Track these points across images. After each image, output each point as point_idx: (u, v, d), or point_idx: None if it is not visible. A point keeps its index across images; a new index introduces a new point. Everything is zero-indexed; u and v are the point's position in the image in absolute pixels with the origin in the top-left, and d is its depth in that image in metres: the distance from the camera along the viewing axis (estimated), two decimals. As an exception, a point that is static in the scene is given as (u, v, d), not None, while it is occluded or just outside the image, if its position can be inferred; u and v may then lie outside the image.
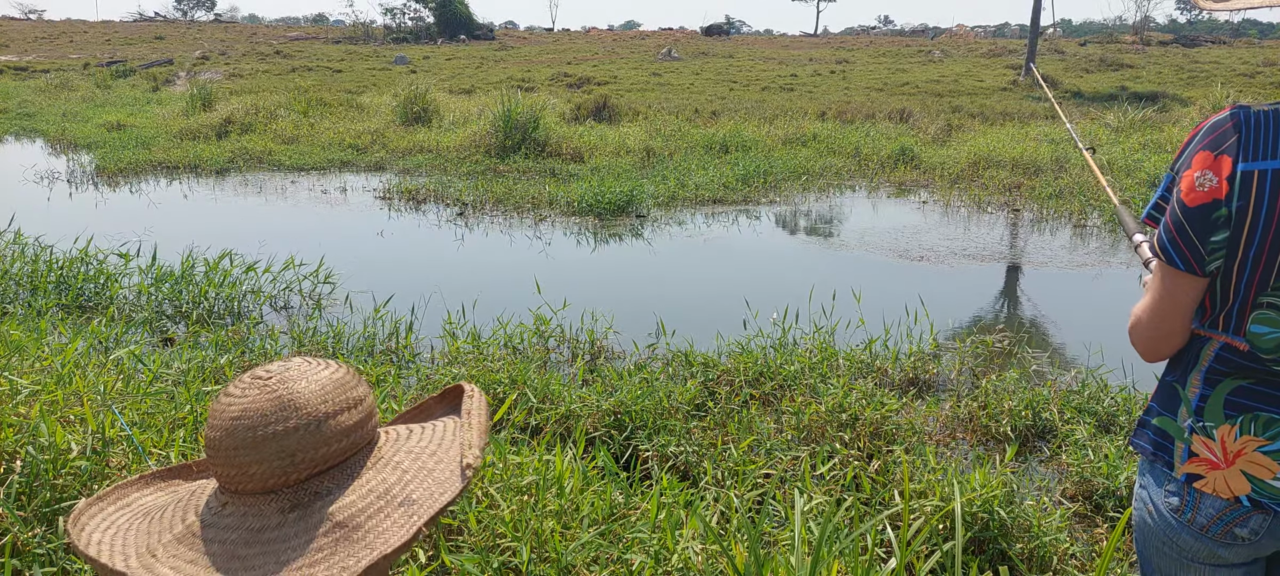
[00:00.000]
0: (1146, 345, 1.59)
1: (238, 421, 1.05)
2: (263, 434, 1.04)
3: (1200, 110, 16.02)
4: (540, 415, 3.88)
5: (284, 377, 1.08)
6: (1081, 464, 3.61)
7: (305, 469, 1.06)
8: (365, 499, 1.08)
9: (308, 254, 6.80)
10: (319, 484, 1.08)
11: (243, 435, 1.04)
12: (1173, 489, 1.58)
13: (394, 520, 1.06)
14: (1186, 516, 1.56)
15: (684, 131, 14.51)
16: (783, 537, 2.81)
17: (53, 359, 3.53)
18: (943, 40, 50.29)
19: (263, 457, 1.04)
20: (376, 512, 1.06)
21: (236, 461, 1.05)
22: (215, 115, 15.54)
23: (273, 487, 1.06)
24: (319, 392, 1.09)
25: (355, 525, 1.04)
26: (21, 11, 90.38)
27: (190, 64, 30.51)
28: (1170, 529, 1.59)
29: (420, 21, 48.88)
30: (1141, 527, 1.68)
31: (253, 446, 1.04)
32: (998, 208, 9.91)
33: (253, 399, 1.06)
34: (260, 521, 1.05)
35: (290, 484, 1.06)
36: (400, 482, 1.10)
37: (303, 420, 1.06)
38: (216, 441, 1.06)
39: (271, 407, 1.05)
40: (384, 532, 1.04)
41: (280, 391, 1.07)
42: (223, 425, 1.06)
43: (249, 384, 1.09)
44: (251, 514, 1.06)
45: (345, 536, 1.03)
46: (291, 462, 1.05)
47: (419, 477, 1.12)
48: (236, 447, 1.05)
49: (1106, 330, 5.70)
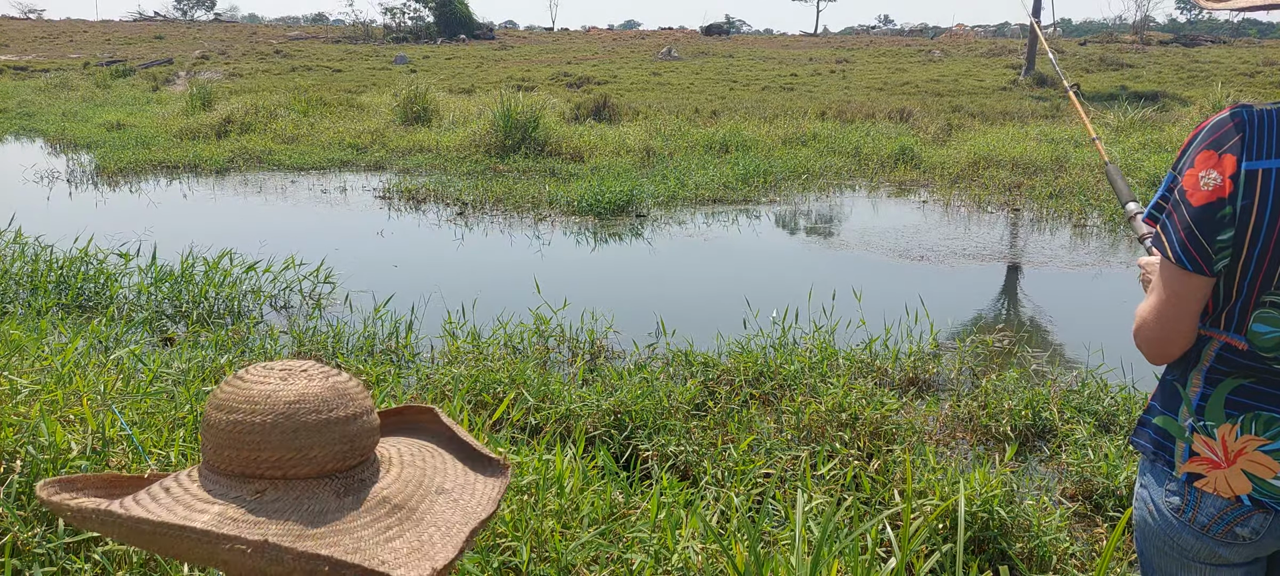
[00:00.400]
0: (1153, 347, 1.56)
1: (297, 405, 1.06)
2: (326, 418, 1.07)
3: (1200, 110, 16.02)
4: (540, 415, 3.88)
5: (322, 371, 1.11)
6: (1081, 463, 3.61)
7: (357, 455, 1.10)
8: (405, 487, 1.11)
9: (307, 254, 6.80)
10: (362, 472, 1.11)
11: (306, 418, 1.06)
12: (1173, 488, 1.58)
13: (441, 505, 1.10)
14: (1187, 515, 1.56)
15: (684, 131, 14.51)
16: (783, 537, 2.81)
17: (53, 359, 3.54)
18: (943, 40, 50.29)
19: (326, 441, 1.07)
20: (422, 498, 1.10)
21: (295, 444, 1.06)
22: (215, 115, 15.54)
23: (330, 471, 1.08)
24: (359, 387, 1.13)
25: (410, 507, 1.08)
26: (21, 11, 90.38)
27: (190, 63, 30.51)
28: (1171, 528, 1.59)
29: (420, 21, 48.88)
30: (1142, 527, 1.67)
31: (316, 430, 1.06)
32: (998, 207, 9.91)
33: (304, 386, 1.08)
34: (318, 504, 1.06)
35: (344, 469, 1.09)
36: (418, 477, 1.14)
37: (358, 408, 1.10)
38: (270, 426, 1.05)
39: (331, 394, 1.08)
40: (442, 513, 1.08)
41: (333, 380, 1.10)
42: (277, 409, 1.06)
43: (284, 373, 1.09)
44: (306, 496, 1.06)
45: (406, 515, 1.07)
46: (351, 447, 1.08)
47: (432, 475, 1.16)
48: (297, 430, 1.05)
49: (1106, 330, 5.70)
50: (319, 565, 0.95)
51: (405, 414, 1.33)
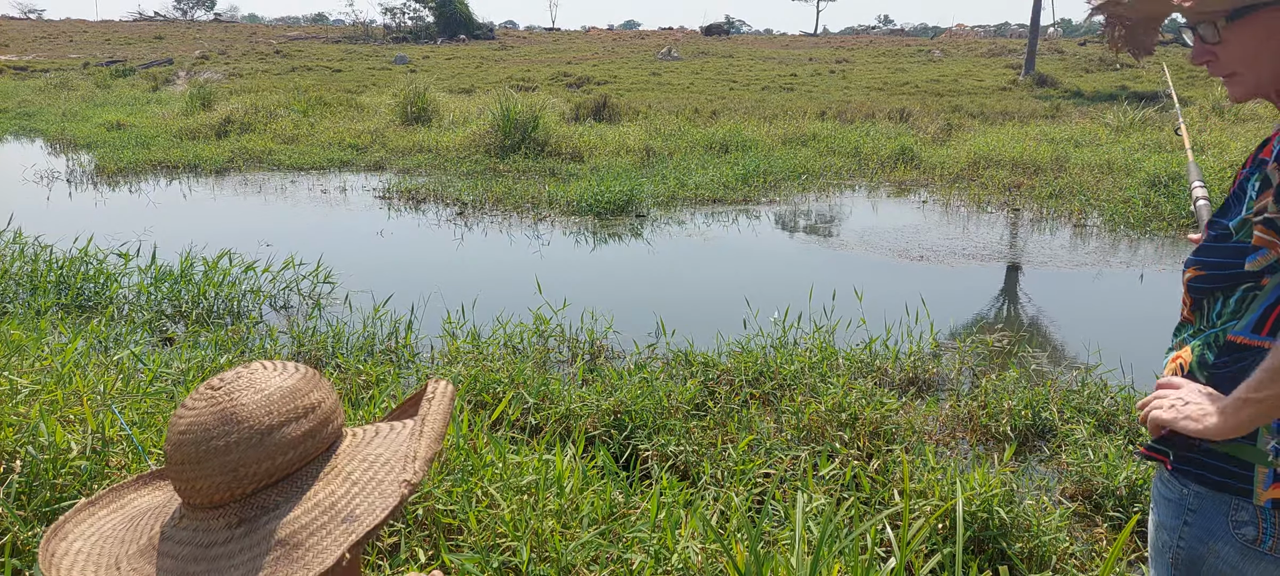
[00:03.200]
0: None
1: (185, 436, 1.04)
2: (206, 448, 1.03)
3: (1200, 110, 16.02)
4: (540, 415, 3.88)
5: (231, 389, 1.07)
6: (1081, 463, 3.61)
7: (251, 482, 1.04)
8: (310, 514, 1.05)
9: (307, 253, 6.80)
10: (267, 497, 1.06)
11: (188, 449, 1.03)
12: (1245, 519, 1.49)
13: (334, 537, 1.03)
14: (1266, 545, 1.47)
15: (684, 131, 14.51)
16: (783, 537, 2.81)
17: (53, 359, 3.53)
18: (942, 40, 50.29)
19: (207, 472, 1.03)
20: (319, 529, 1.04)
21: (184, 475, 1.04)
22: (215, 115, 15.55)
23: (220, 502, 1.05)
24: (264, 404, 1.06)
25: (296, 542, 1.02)
26: (21, 11, 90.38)
27: (190, 63, 30.52)
28: (1243, 562, 1.50)
29: (420, 21, 48.89)
30: (1192, 565, 1.55)
31: (197, 461, 1.03)
32: (997, 207, 9.91)
33: (199, 412, 1.05)
34: (209, 537, 1.04)
35: (237, 498, 1.05)
36: (346, 496, 1.08)
37: (245, 433, 1.04)
38: (168, 455, 1.05)
39: (214, 421, 1.04)
40: (322, 552, 1.02)
41: (224, 404, 1.05)
42: (173, 439, 1.05)
43: (201, 395, 1.07)
44: (202, 528, 1.05)
45: (286, 554, 1.02)
46: (235, 477, 1.03)
47: (366, 490, 1.09)
48: (183, 462, 1.04)
49: (1107, 330, 5.70)
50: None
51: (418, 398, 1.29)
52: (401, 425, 1.21)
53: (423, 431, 1.16)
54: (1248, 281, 1.47)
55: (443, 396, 1.23)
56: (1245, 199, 1.48)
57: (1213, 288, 1.53)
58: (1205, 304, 1.55)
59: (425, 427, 1.17)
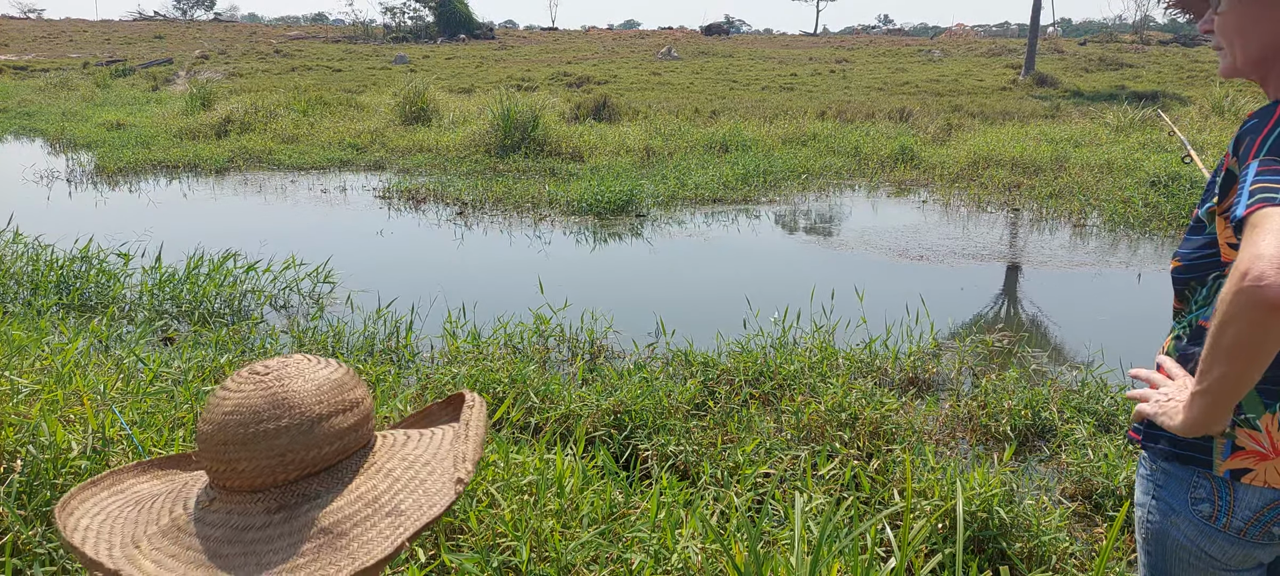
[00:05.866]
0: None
1: (230, 416, 1.03)
2: (254, 431, 1.03)
3: (1200, 110, 16.02)
4: (540, 415, 3.88)
5: (281, 375, 1.07)
6: (1081, 463, 3.61)
7: (295, 469, 1.05)
8: (353, 505, 1.05)
9: (307, 253, 6.80)
10: (308, 486, 1.06)
11: (234, 431, 1.03)
12: (1202, 495, 1.53)
13: (380, 530, 1.04)
14: (1221, 523, 1.51)
15: (684, 131, 14.51)
16: (782, 537, 2.82)
17: (53, 358, 3.54)
18: (943, 40, 50.28)
19: (252, 455, 1.03)
20: (363, 520, 1.04)
21: (226, 457, 1.04)
22: (215, 114, 15.54)
23: (260, 487, 1.04)
24: (314, 392, 1.07)
25: (340, 532, 1.03)
26: (21, 11, 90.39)
27: (190, 63, 30.51)
28: (1201, 539, 1.54)
29: (420, 21, 48.88)
30: (1158, 539, 1.61)
31: (243, 443, 1.03)
32: (997, 207, 9.91)
33: (247, 394, 1.04)
34: (245, 520, 1.03)
35: (279, 484, 1.04)
36: (390, 491, 1.08)
37: (295, 420, 1.04)
38: (208, 435, 1.05)
39: (265, 405, 1.03)
40: (368, 543, 1.02)
41: (275, 388, 1.05)
42: (215, 419, 1.04)
43: (246, 379, 1.07)
44: (237, 512, 1.04)
45: (329, 543, 1.02)
46: (281, 462, 1.03)
47: (410, 488, 1.09)
48: (227, 443, 1.03)
49: (1106, 330, 5.70)
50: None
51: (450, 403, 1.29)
52: (436, 431, 1.22)
53: (468, 436, 1.18)
54: (1218, 271, 1.51)
55: (481, 406, 1.25)
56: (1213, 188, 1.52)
57: (1190, 277, 1.56)
58: (1187, 293, 1.58)
59: (470, 432, 1.18)
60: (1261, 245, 1.25)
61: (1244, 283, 1.25)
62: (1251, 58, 1.48)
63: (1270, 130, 1.38)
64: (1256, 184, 1.32)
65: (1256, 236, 1.26)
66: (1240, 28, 1.48)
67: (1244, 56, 1.49)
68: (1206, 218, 1.52)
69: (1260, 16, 1.45)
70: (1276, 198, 1.28)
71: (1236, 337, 1.29)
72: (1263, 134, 1.39)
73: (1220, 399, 1.38)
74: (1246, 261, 1.25)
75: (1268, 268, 1.23)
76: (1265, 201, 1.29)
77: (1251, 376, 1.34)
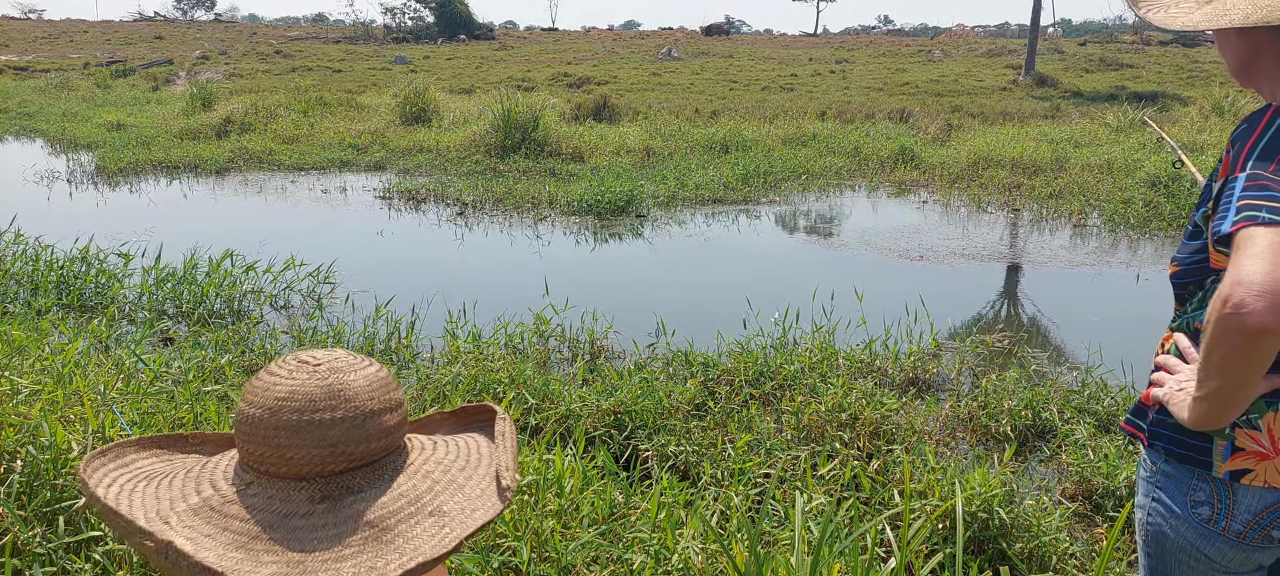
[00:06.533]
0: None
1: (284, 403, 1.04)
2: (309, 419, 1.03)
3: (1200, 110, 16.02)
4: (540, 415, 3.88)
5: (334, 367, 1.07)
6: (1081, 463, 3.61)
7: (344, 461, 1.06)
8: (397, 503, 1.06)
9: (308, 253, 6.80)
10: (352, 479, 1.07)
11: (288, 417, 1.03)
12: (1202, 498, 1.52)
13: (425, 529, 1.05)
14: (1220, 525, 1.50)
15: (684, 131, 14.51)
16: (783, 537, 2.82)
17: (53, 359, 3.54)
18: (943, 40, 50.28)
19: (304, 443, 1.03)
20: (407, 518, 1.05)
21: (275, 442, 1.04)
22: (215, 115, 15.54)
23: (307, 475, 1.05)
24: (367, 387, 1.08)
25: (385, 527, 1.04)
26: (21, 11, 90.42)
27: (190, 64, 30.52)
28: (1199, 540, 1.53)
29: (420, 21, 48.88)
30: (1158, 541, 1.60)
31: (296, 430, 1.03)
32: (997, 207, 9.91)
33: (301, 383, 1.05)
34: (288, 507, 1.03)
35: (325, 474, 1.05)
36: (430, 492, 1.09)
37: (350, 412, 1.05)
38: (257, 420, 1.04)
39: (321, 394, 1.04)
40: (414, 540, 1.03)
41: (331, 380, 1.06)
42: (267, 404, 1.04)
43: (297, 367, 1.07)
44: (279, 497, 1.04)
45: (375, 537, 1.02)
46: (332, 453, 1.04)
47: (450, 491, 1.11)
48: (278, 429, 1.03)
49: (1107, 330, 5.70)
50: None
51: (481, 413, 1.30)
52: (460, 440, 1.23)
53: (505, 447, 1.19)
54: (1213, 276, 1.51)
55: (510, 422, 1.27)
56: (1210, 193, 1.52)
57: (1187, 281, 1.56)
58: (1185, 296, 1.59)
59: (507, 443, 1.20)
60: (1243, 270, 1.25)
61: (1225, 310, 1.26)
62: (1233, 71, 1.53)
63: (1258, 138, 1.39)
64: (1243, 200, 1.32)
65: (1239, 259, 1.27)
66: (1220, 47, 1.55)
67: (1230, 70, 1.54)
68: (1202, 222, 1.52)
69: (1224, 42, 1.52)
70: (1260, 215, 1.28)
71: (1224, 358, 1.31)
72: (1250, 142, 1.40)
73: (1217, 407, 1.39)
74: (1228, 287, 1.26)
75: (1246, 294, 1.23)
76: (1249, 220, 1.28)
77: (1247, 388, 1.35)
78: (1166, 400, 1.53)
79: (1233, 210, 1.32)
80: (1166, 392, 1.53)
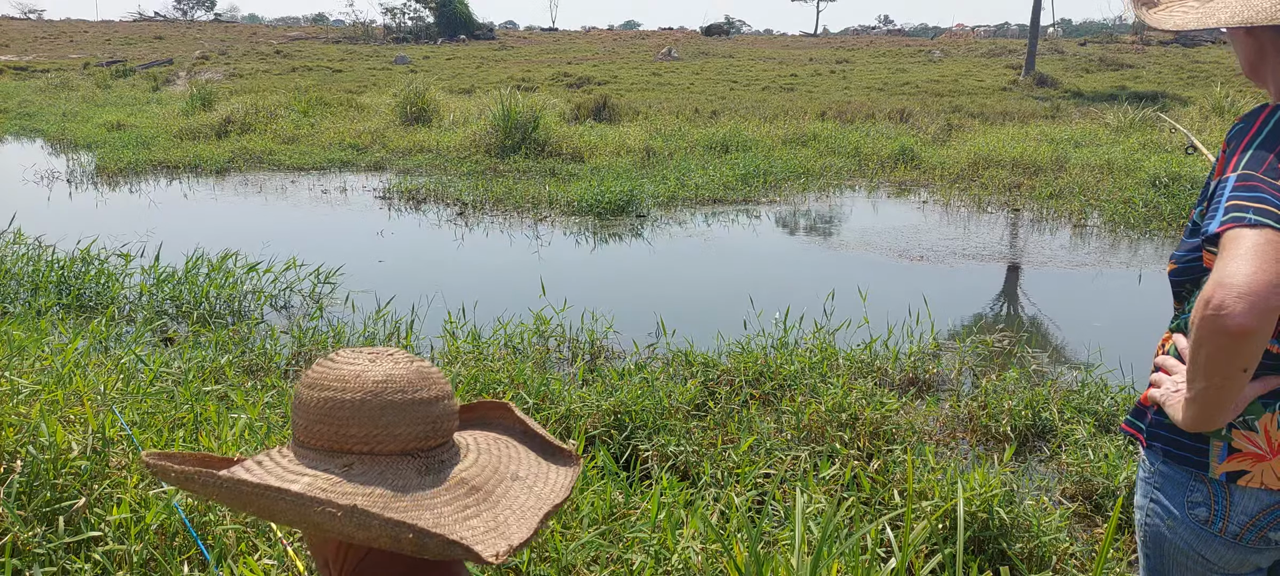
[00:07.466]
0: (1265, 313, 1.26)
1: (384, 385, 1.10)
2: (411, 398, 1.11)
3: (1200, 110, 16.02)
4: (540, 415, 3.88)
5: (399, 357, 1.15)
6: (1081, 463, 3.61)
7: (439, 437, 1.14)
8: (482, 471, 1.14)
9: (308, 253, 6.80)
10: (443, 453, 1.15)
11: (392, 397, 1.10)
12: (1199, 499, 1.52)
13: (516, 490, 1.14)
14: (1217, 526, 1.50)
15: (684, 131, 14.52)
16: (783, 537, 2.81)
17: (53, 359, 3.54)
18: (943, 40, 50.28)
19: (411, 420, 1.11)
20: (498, 482, 1.14)
21: (382, 421, 1.10)
22: (215, 115, 15.54)
23: (412, 450, 1.12)
24: (439, 373, 1.16)
25: (488, 490, 1.12)
26: (21, 11, 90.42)
27: (190, 64, 30.51)
28: (1196, 542, 1.53)
29: (420, 21, 48.87)
30: (1156, 541, 1.60)
31: (401, 409, 1.10)
32: (998, 207, 9.91)
33: (390, 368, 1.12)
34: (401, 480, 1.09)
35: (425, 448, 1.13)
36: (493, 464, 1.17)
37: (440, 392, 1.14)
38: (359, 403, 1.10)
39: (415, 376, 1.13)
40: (518, 498, 1.12)
41: (416, 364, 1.14)
42: (366, 388, 1.10)
43: (373, 356, 1.14)
44: (389, 471, 1.10)
45: (484, 497, 1.10)
46: (433, 428, 1.13)
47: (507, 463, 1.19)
48: (384, 408, 1.10)
49: (1107, 330, 5.70)
50: (403, 532, 0.98)
51: (480, 409, 1.37)
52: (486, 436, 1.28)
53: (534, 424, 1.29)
54: (1206, 274, 1.50)
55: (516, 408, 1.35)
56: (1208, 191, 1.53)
57: (1184, 279, 1.56)
58: (1182, 294, 1.59)
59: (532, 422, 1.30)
60: (1226, 271, 1.26)
61: (1207, 311, 1.27)
62: (1244, 70, 1.54)
63: (1252, 138, 1.39)
64: (1231, 200, 1.33)
65: (1223, 260, 1.27)
66: (1233, 46, 1.56)
67: (1242, 68, 1.55)
68: (1200, 220, 1.52)
69: (1234, 41, 1.53)
70: (1247, 216, 1.29)
71: (1208, 359, 1.32)
72: (1244, 141, 1.40)
73: (1207, 408, 1.40)
74: (1210, 288, 1.27)
75: (1227, 297, 1.24)
76: (1236, 221, 1.29)
77: (1232, 389, 1.35)
78: (1163, 401, 1.53)
79: (1221, 210, 1.33)
80: (1163, 393, 1.54)
